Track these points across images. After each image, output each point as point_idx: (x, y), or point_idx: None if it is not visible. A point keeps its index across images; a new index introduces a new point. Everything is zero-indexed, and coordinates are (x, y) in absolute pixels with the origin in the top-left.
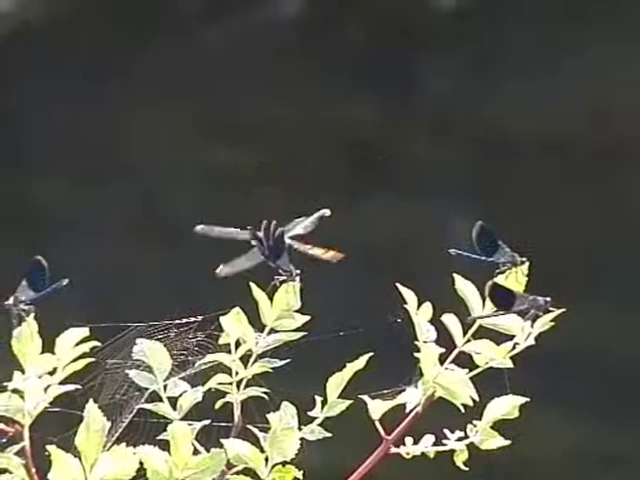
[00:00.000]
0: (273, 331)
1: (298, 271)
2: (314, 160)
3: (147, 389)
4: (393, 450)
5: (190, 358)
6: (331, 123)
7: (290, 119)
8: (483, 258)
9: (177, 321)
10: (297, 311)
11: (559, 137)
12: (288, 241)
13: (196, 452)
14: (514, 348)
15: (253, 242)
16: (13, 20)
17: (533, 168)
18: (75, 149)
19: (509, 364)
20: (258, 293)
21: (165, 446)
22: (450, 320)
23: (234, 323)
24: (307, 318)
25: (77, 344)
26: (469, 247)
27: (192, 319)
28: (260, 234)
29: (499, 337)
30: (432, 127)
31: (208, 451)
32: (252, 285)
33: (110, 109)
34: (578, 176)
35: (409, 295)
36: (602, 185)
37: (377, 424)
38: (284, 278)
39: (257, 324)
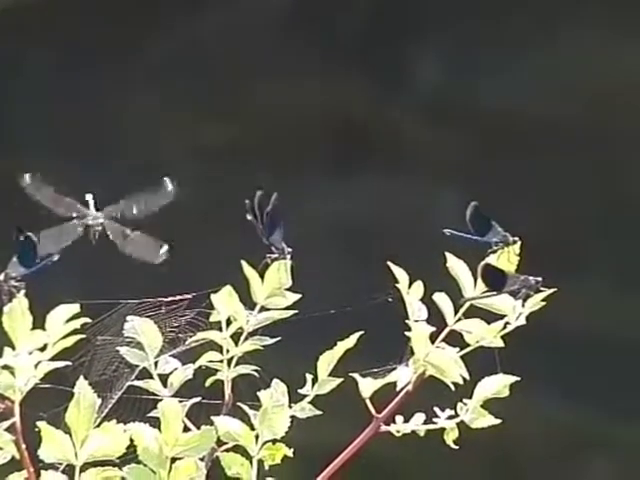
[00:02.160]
0: (264, 309)
1: (290, 249)
2: (306, 142)
3: (137, 366)
4: (383, 428)
5: (181, 335)
6: (324, 106)
7: (282, 102)
8: (477, 238)
9: (168, 298)
10: (288, 289)
11: (558, 118)
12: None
13: (186, 429)
14: (505, 327)
15: (248, 217)
16: (12, 6)
17: (530, 150)
18: (70, 129)
19: (500, 343)
20: (249, 271)
21: (155, 423)
22: (441, 299)
23: (225, 301)
24: (298, 296)
25: (68, 321)
26: (463, 227)
27: (183, 296)
28: (255, 209)
29: (490, 316)
30: (427, 109)
31: (198, 428)
32: (243, 263)
33: (104, 92)
34: (576, 158)
35: (400, 274)
36: (600, 166)
37: (368, 402)
38: (276, 256)
39: (248, 302)
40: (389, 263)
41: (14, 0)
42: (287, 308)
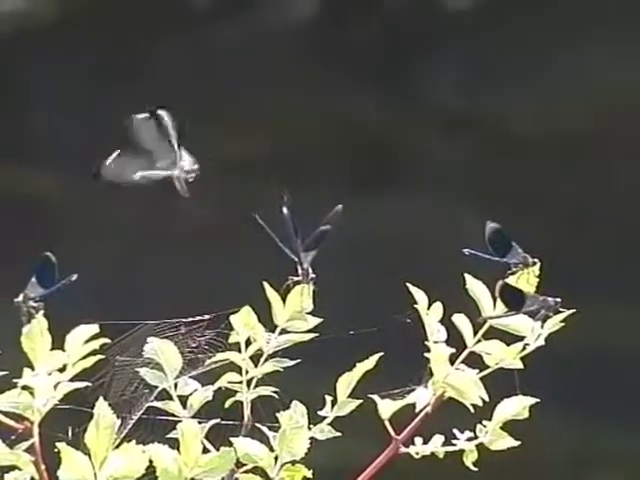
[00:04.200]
0: (284, 331)
1: (313, 275)
2: (321, 156)
3: (157, 387)
4: (403, 450)
5: (200, 356)
6: (341, 120)
7: (299, 116)
8: (496, 258)
9: (187, 319)
10: (309, 313)
11: (567, 135)
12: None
13: (206, 451)
14: (524, 349)
15: (286, 216)
16: (23, 17)
17: (541, 166)
18: (85, 145)
19: (519, 365)
20: (271, 293)
21: (175, 444)
22: (460, 320)
23: (244, 321)
24: (319, 320)
25: (87, 341)
26: (480, 246)
27: (202, 317)
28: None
29: (510, 337)
30: (440, 125)
31: (218, 450)
32: (265, 285)
33: (119, 106)
34: (586, 174)
35: (419, 295)
36: (610, 182)
37: (387, 424)
38: (299, 279)
39: (269, 324)
40: (408, 284)
41: (29, 16)
42: (308, 331)
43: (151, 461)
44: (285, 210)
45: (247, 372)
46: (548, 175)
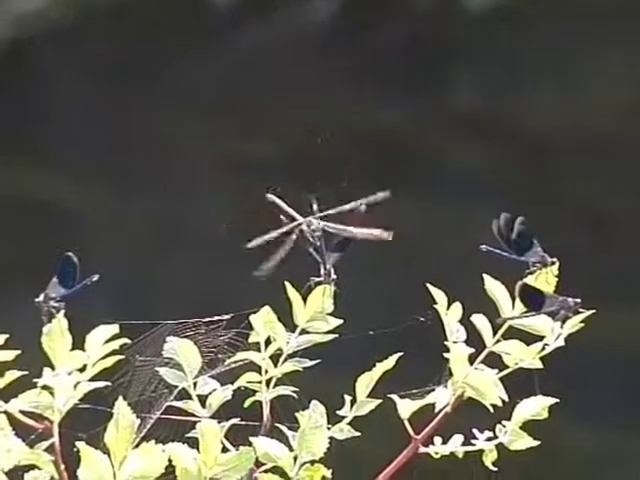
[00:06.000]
0: (305, 332)
1: (335, 276)
2: (344, 161)
3: (176, 387)
4: (422, 450)
5: (220, 356)
6: (362, 125)
7: (320, 121)
8: (514, 256)
9: (207, 319)
10: (329, 314)
11: (594, 138)
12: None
13: (225, 450)
14: (544, 349)
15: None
16: (40, 21)
17: (566, 169)
18: (103, 150)
19: (539, 365)
20: (293, 293)
21: (194, 444)
22: (480, 320)
23: (264, 321)
24: (340, 321)
25: (107, 341)
26: (499, 244)
27: (222, 317)
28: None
29: (529, 337)
30: (464, 128)
31: (237, 449)
32: (287, 285)
33: (138, 111)
34: (612, 177)
35: (439, 295)
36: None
37: (406, 423)
38: (320, 279)
39: (289, 323)
40: (428, 284)
41: (51, 22)
42: (328, 332)
43: (170, 460)
44: (314, 209)
45: (267, 372)
46: (572, 177)
